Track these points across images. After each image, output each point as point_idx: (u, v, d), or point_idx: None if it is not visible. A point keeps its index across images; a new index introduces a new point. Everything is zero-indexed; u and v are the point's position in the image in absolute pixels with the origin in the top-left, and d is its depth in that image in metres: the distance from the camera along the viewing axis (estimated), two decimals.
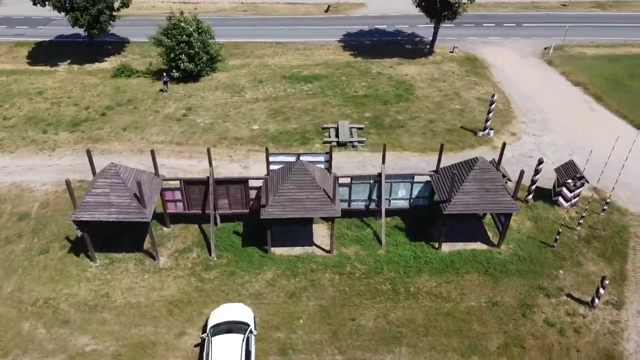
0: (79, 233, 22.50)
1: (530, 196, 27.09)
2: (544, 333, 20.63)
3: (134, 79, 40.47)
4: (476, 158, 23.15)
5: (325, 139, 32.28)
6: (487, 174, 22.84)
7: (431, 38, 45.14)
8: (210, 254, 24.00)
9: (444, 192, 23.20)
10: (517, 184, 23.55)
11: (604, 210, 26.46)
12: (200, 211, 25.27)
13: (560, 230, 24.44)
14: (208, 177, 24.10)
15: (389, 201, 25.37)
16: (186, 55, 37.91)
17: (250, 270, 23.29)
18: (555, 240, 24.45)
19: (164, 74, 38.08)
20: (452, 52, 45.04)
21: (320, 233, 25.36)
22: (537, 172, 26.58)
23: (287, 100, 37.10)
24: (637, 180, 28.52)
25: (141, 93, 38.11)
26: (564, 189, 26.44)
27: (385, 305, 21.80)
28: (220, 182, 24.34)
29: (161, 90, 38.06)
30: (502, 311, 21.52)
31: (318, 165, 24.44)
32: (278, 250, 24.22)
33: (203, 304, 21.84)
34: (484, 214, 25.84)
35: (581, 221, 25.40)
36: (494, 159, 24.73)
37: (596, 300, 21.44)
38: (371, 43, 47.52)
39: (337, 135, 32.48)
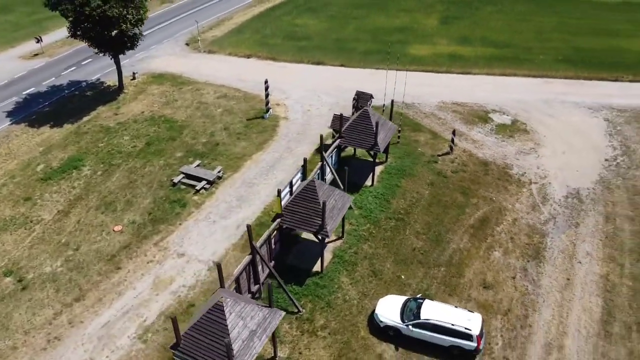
0: None
1: None
2: (461, 177, 32.67)
3: None
4: (366, 110, 31.01)
5: (197, 188, 31.47)
6: (376, 115, 31.28)
7: (96, 77, 43.98)
8: (297, 311, 23.79)
9: (364, 142, 30.34)
10: (390, 112, 33.13)
11: (384, 110, 39.32)
12: (249, 294, 23.54)
13: (400, 133, 35.99)
14: (253, 254, 22.79)
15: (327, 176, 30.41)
16: None
17: (333, 291, 24.92)
18: (398, 137, 35.95)
19: None
20: (134, 78, 45.47)
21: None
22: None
23: (94, 192, 31.72)
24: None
25: None
26: (354, 104, 37.47)
27: (409, 229, 28.66)
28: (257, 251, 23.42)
29: None
30: (439, 183, 32.11)
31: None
32: (318, 267, 26.27)
33: (354, 333, 23.01)
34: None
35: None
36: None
37: (453, 147, 34.83)
38: (52, 108, 41.57)
39: (199, 180, 32.07)
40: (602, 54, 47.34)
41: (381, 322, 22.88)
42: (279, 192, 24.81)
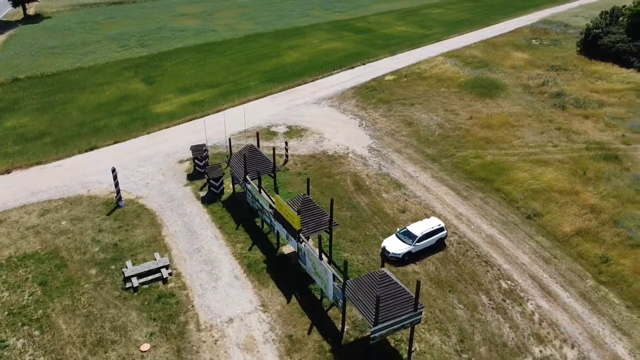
0: None
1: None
2: (312, 169, 43.21)
3: None
4: (252, 145, 37.06)
5: (164, 277, 30.66)
6: (254, 150, 37.75)
7: None
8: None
9: (266, 169, 36.85)
10: (257, 141, 39.34)
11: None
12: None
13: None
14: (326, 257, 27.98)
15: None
16: None
17: (350, 263, 32.21)
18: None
19: None
20: None
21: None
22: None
23: (65, 346, 26.40)
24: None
25: None
26: (203, 155, 42.06)
27: None
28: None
29: None
30: (306, 178, 41.59)
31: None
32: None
33: None
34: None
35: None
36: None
37: (288, 155, 44.48)
38: None
39: (157, 271, 30.97)
40: (279, 70, 64.88)
41: (399, 255, 32.59)
42: (299, 212, 29.98)
